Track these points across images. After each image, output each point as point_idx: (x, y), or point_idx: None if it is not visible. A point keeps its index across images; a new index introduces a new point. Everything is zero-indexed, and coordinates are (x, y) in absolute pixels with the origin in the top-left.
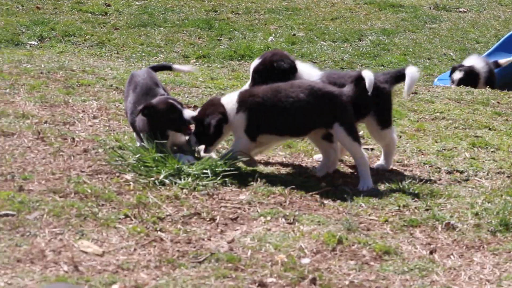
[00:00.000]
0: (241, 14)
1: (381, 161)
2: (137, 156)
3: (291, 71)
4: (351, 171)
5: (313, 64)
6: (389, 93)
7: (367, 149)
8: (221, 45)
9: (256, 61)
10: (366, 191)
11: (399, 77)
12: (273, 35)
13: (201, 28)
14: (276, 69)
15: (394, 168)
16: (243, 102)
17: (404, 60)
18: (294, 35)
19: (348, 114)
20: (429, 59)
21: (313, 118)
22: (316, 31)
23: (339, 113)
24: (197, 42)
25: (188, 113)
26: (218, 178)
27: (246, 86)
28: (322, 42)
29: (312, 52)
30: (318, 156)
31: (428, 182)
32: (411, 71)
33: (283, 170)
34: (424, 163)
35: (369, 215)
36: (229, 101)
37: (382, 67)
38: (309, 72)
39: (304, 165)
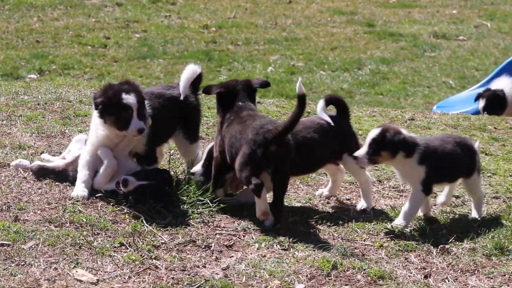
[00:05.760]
0: (240, 45)
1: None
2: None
3: None
4: (347, 197)
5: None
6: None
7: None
8: (220, 76)
9: None
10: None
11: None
12: (273, 65)
13: (201, 60)
14: None
15: (390, 193)
16: None
17: (403, 88)
18: (294, 65)
19: None
20: (428, 87)
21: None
22: (316, 61)
23: None
24: None
25: None
26: (214, 206)
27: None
28: (321, 72)
29: (311, 81)
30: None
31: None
32: (188, 67)
33: None
34: None
35: (364, 240)
36: None
37: (381, 96)
38: None
39: (299, 192)
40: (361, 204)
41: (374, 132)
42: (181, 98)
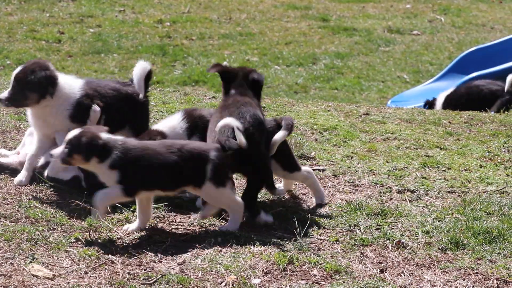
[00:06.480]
0: (195, 40)
1: None
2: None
3: (50, 82)
4: (302, 192)
5: (267, 88)
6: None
7: (319, 169)
8: (175, 71)
9: (17, 69)
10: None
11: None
12: (227, 60)
13: (155, 54)
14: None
15: (345, 188)
16: None
17: (358, 83)
18: (248, 60)
19: None
20: (382, 82)
21: None
22: (270, 56)
23: None
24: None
25: None
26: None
27: (6, 93)
28: (276, 67)
29: (266, 76)
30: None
31: (379, 201)
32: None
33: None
34: (375, 183)
35: (320, 235)
36: None
37: (336, 91)
38: (70, 84)
39: None
40: (316, 199)
41: (71, 134)
42: (141, 96)
